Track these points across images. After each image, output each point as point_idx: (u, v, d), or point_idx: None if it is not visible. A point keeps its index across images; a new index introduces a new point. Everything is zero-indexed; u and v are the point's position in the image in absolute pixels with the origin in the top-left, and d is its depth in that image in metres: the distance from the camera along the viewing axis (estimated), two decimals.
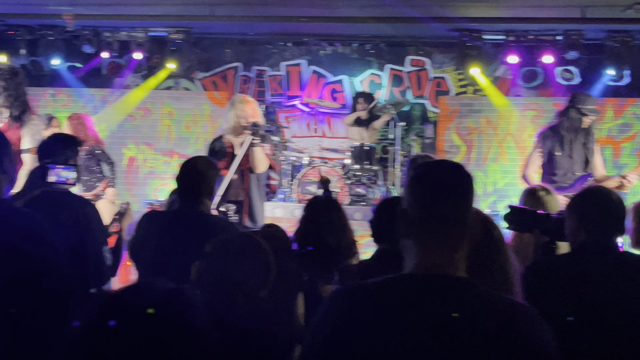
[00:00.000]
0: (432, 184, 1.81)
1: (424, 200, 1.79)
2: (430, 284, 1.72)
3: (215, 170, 3.75)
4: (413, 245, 1.79)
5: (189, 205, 3.63)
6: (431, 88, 9.82)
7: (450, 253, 1.76)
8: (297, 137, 9.99)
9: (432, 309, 1.67)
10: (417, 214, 1.79)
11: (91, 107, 9.82)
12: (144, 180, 9.66)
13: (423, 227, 1.78)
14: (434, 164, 1.94)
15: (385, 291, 1.73)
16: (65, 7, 7.76)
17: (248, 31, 9.66)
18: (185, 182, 3.67)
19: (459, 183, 1.82)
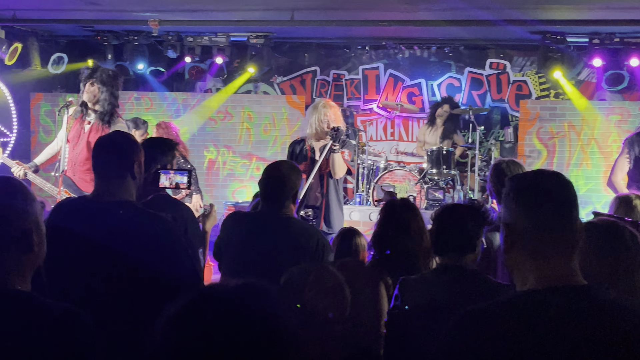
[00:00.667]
0: (542, 195, 1.79)
1: (536, 212, 1.78)
2: (558, 296, 1.71)
3: (298, 175, 3.78)
4: (527, 258, 1.78)
5: (272, 208, 3.68)
6: (511, 91, 9.67)
7: (567, 262, 1.77)
8: (373, 140, 10.01)
9: (573, 321, 1.67)
10: (528, 226, 1.78)
11: (173, 110, 10.09)
12: (223, 182, 9.86)
13: (537, 239, 1.77)
14: (536, 174, 1.90)
15: (517, 309, 1.72)
16: (150, 13, 7.98)
17: (326, 35, 9.73)
18: (268, 186, 3.71)
19: (565, 191, 1.81)
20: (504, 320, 1.71)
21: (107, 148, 3.00)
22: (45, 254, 2.00)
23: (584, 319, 1.67)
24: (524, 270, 1.79)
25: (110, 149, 2.98)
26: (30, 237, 1.92)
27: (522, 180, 1.87)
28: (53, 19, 8.65)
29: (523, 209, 1.80)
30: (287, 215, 3.70)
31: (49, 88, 10.40)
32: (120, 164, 2.92)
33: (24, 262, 1.92)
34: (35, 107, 10.44)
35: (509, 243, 1.82)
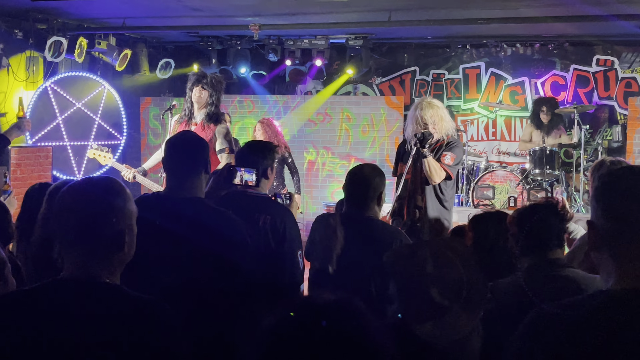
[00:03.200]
0: (625, 192, 1.73)
1: (616, 211, 1.72)
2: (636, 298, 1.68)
3: (381, 177, 3.81)
4: (609, 258, 1.73)
5: (356, 210, 3.73)
6: (620, 89, 9.30)
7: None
8: (474, 140, 9.87)
9: None
10: (607, 226, 1.73)
11: (274, 112, 10.29)
12: (322, 183, 9.97)
13: (618, 239, 1.72)
14: (624, 170, 1.82)
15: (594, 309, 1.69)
16: (251, 18, 8.18)
17: (425, 35, 9.67)
18: (351, 189, 3.77)
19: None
20: (578, 322, 1.68)
21: (178, 147, 3.13)
22: None
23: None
24: (607, 269, 1.75)
25: (182, 147, 3.12)
26: (123, 237, 2.01)
27: (607, 178, 1.80)
28: (160, 26, 9.01)
29: (603, 208, 1.75)
30: (370, 216, 3.74)
31: (157, 92, 10.84)
32: (191, 162, 3.05)
33: (114, 259, 2.01)
34: (145, 111, 10.89)
35: (593, 242, 1.78)
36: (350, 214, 3.74)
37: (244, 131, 10.23)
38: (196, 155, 3.09)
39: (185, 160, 3.07)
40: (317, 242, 3.77)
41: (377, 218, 3.81)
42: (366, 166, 3.91)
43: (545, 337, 1.70)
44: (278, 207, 3.98)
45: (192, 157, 3.08)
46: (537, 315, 1.76)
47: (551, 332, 1.70)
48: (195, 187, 3.06)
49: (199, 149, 3.14)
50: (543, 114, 8.81)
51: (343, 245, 3.53)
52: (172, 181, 3.10)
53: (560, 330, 1.69)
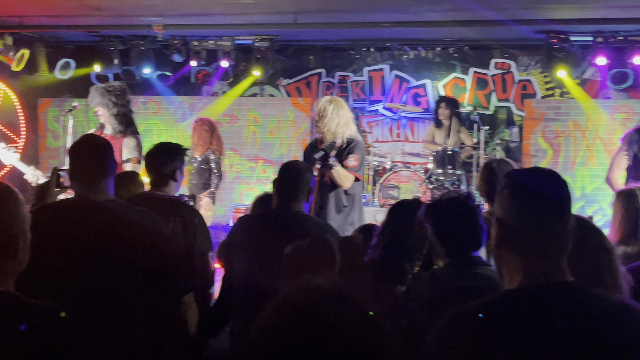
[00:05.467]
0: (534, 193, 1.79)
1: (527, 210, 1.78)
2: (548, 294, 1.72)
3: (311, 174, 3.89)
4: (516, 255, 1.78)
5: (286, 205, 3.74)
6: (516, 91, 9.69)
7: (557, 260, 1.77)
8: (379, 142, 10.05)
9: (560, 318, 1.68)
10: (518, 224, 1.78)
11: (180, 114, 10.17)
12: (230, 185, 9.91)
13: (527, 237, 1.77)
14: (530, 171, 1.91)
15: (512, 308, 1.73)
16: (155, 18, 8.05)
17: (331, 38, 9.78)
18: (286, 181, 3.78)
19: (559, 190, 1.81)
20: (492, 320, 1.71)
21: (84, 150, 3.07)
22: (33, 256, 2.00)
23: (572, 315, 1.68)
24: (512, 268, 1.79)
25: (89, 151, 3.06)
26: (16, 242, 1.92)
27: (517, 177, 1.87)
28: (59, 25, 8.74)
29: (515, 206, 1.80)
30: (300, 211, 3.77)
31: (56, 93, 10.49)
32: (99, 165, 3.01)
33: (7, 266, 1.91)
34: (44, 113, 10.54)
35: (499, 239, 1.82)
36: (281, 210, 3.75)
37: (149, 133, 10.04)
38: (103, 159, 3.05)
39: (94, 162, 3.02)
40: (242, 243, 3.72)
41: (305, 213, 3.85)
42: (299, 162, 4.00)
43: (459, 337, 1.72)
44: (187, 208, 3.95)
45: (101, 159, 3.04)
46: (452, 314, 1.79)
47: (465, 331, 1.72)
48: (106, 190, 3.02)
49: (106, 152, 3.09)
50: (441, 109, 9.04)
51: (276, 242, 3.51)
52: (81, 185, 3.04)
53: (473, 330, 1.71)
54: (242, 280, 3.61)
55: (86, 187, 2.99)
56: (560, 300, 1.71)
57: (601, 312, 1.70)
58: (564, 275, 1.77)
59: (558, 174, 1.86)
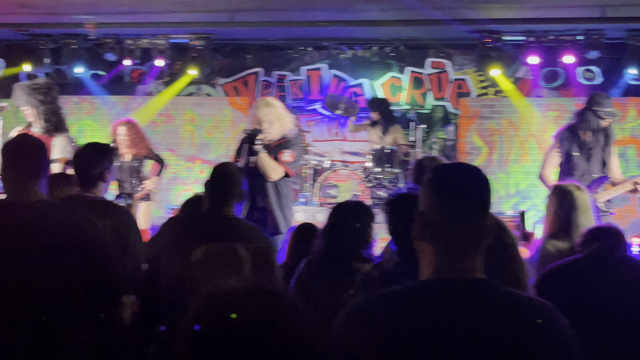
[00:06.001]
0: (454, 188, 1.80)
1: (445, 204, 1.78)
2: (454, 288, 1.72)
3: (243, 176, 3.83)
4: (431, 248, 1.78)
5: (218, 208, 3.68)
6: (452, 90, 9.83)
7: (470, 256, 1.77)
8: (318, 141, 10.06)
9: (461, 313, 1.68)
10: (436, 217, 1.78)
11: (114, 114, 9.94)
12: (167, 186, 9.76)
13: (443, 230, 1.77)
14: (453, 167, 1.92)
15: (410, 298, 1.73)
16: (87, 16, 7.88)
17: (268, 36, 9.75)
18: (219, 184, 3.72)
19: (479, 187, 1.82)
20: (395, 309, 1.72)
21: (17, 151, 2.98)
22: None
23: (482, 311, 1.69)
24: (427, 260, 1.80)
25: (22, 151, 2.97)
26: None
27: (440, 171, 1.88)
28: None
29: (435, 200, 1.80)
30: (231, 214, 3.72)
31: None
32: (33, 165, 2.91)
33: None
34: None
35: (418, 230, 1.82)
36: (212, 213, 3.69)
37: (82, 134, 9.81)
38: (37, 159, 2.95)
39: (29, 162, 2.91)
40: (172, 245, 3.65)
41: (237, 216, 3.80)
42: (232, 164, 3.93)
43: (367, 323, 1.72)
44: (118, 210, 3.86)
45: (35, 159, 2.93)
46: (363, 301, 1.79)
47: (373, 318, 1.72)
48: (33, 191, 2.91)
49: (39, 152, 2.99)
50: (372, 113, 9.10)
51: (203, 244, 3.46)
52: (13, 187, 2.92)
53: (378, 317, 1.71)
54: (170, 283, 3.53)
55: (19, 188, 2.89)
56: (464, 296, 1.71)
57: (509, 310, 1.71)
58: (474, 272, 1.76)
59: (481, 170, 1.86)
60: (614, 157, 6.33)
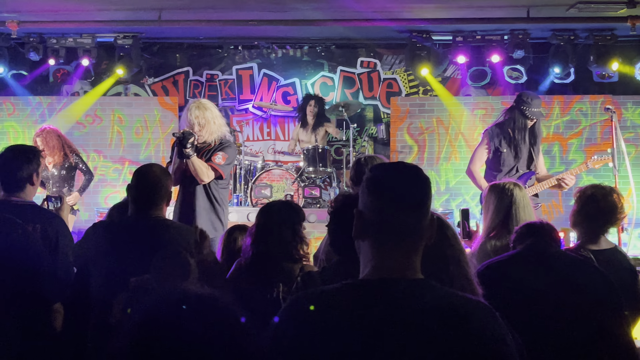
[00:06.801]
0: (390, 188, 1.79)
1: (382, 205, 1.77)
2: (389, 288, 1.71)
3: (169, 177, 3.73)
4: (369, 247, 1.77)
5: (145, 212, 3.58)
6: (382, 89, 9.92)
7: (407, 256, 1.76)
8: (250, 141, 10.00)
9: (393, 313, 1.67)
10: (374, 217, 1.77)
11: (38, 115, 9.67)
12: (95, 188, 9.51)
13: (380, 230, 1.76)
14: (391, 166, 1.90)
15: (345, 297, 1.72)
16: (7, 14, 7.61)
17: (198, 35, 9.63)
18: (142, 189, 3.61)
19: (416, 187, 1.80)
20: (328, 307, 1.70)
21: None
22: None
23: (417, 313, 1.67)
24: (366, 258, 1.79)
25: None
26: None
27: (378, 171, 1.86)
28: None
29: (371, 201, 1.79)
30: (160, 217, 3.63)
31: None
32: None
33: None
34: None
35: (357, 230, 1.81)
36: (140, 217, 3.58)
37: (4, 136, 9.51)
38: None
39: None
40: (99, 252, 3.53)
41: (166, 218, 3.71)
42: (156, 166, 3.78)
43: (299, 320, 1.71)
44: (47, 214, 3.74)
45: None
46: (297, 298, 1.79)
47: (306, 316, 1.71)
48: None
49: None
50: (310, 107, 9.10)
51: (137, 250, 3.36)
52: None
53: (313, 315, 1.70)
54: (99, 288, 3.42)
55: None
56: (404, 297, 1.70)
57: (443, 311, 1.69)
58: (412, 272, 1.76)
59: (421, 170, 1.85)
60: (540, 154, 6.51)
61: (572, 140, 9.36)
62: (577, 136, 9.36)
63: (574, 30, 8.58)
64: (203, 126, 5.41)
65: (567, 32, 8.60)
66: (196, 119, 5.40)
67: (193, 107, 5.46)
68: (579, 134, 9.36)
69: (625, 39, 8.69)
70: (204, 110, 5.46)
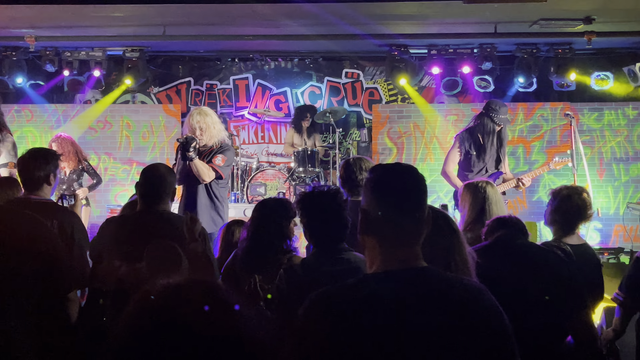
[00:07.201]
0: (394, 187, 1.79)
1: (387, 202, 1.77)
2: (401, 278, 1.71)
3: (173, 175, 3.71)
4: (376, 242, 1.77)
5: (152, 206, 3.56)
6: (365, 97, 9.92)
7: (412, 247, 1.76)
8: (246, 144, 9.97)
9: (416, 299, 1.67)
10: (378, 214, 1.77)
11: (54, 121, 9.60)
12: (105, 187, 9.46)
13: (385, 225, 1.76)
14: (390, 167, 1.89)
15: (370, 290, 1.71)
16: (27, 30, 7.55)
17: (198, 49, 9.59)
18: (148, 186, 3.60)
19: (414, 184, 1.81)
20: (351, 301, 1.69)
21: None
22: None
23: (428, 295, 1.69)
24: (373, 253, 1.79)
25: None
26: None
27: (378, 171, 1.86)
28: None
29: (375, 198, 1.79)
30: (166, 210, 3.62)
31: None
32: None
33: None
34: None
35: (363, 227, 1.81)
36: (148, 210, 3.56)
37: (23, 140, 9.42)
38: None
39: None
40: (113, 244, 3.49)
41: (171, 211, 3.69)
42: (160, 165, 3.77)
43: (319, 320, 1.70)
44: (63, 211, 3.72)
45: None
46: (312, 299, 1.75)
47: (323, 315, 1.70)
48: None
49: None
50: (306, 119, 9.13)
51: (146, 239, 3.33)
52: None
53: (331, 313, 1.69)
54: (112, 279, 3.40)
55: None
56: (412, 284, 1.71)
57: (449, 294, 1.72)
58: (417, 261, 1.77)
59: (415, 169, 1.85)
60: (506, 156, 6.53)
61: (534, 143, 9.40)
62: (539, 139, 9.40)
63: (537, 44, 8.60)
64: (204, 131, 5.40)
65: (530, 46, 8.63)
66: (198, 124, 5.39)
67: (195, 113, 5.45)
68: (541, 137, 9.39)
69: (582, 52, 8.73)
70: (205, 116, 5.45)
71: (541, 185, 9.12)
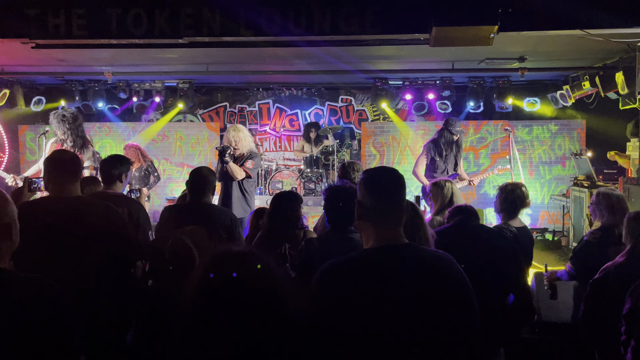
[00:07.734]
0: (382, 184, 1.78)
1: (377, 194, 1.75)
2: (391, 251, 1.70)
3: (214, 175, 3.70)
4: (370, 226, 1.75)
5: (197, 199, 3.56)
6: (356, 117, 9.87)
7: (396, 228, 1.75)
8: (267, 151, 9.93)
9: (402, 267, 1.66)
10: (371, 204, 1.75)
11: (125, 135, 9.58)
12: (164, 183, 9.45)
13: (377, 212, 1.74)
14: (378, 169, 1.87)
15: (367, 261, 1.69)
16: (105, 67, 7.51)
17: (232, 81, 9.55)
18: (194, 183, 3.59)
19: (396, 181, 1.79)
20: (352, 269, 1.67)
21: (58, 162, 2.79)
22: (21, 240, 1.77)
23: (410, 264, 1.67)
24: (368, 234, 1.77)
25: (61, 162, 2.78)
26: (10, 229, 1.70)
27: (369, 172, 1.85)
28: (33, 72, 7.96)
29: (368, 192, 1.78)
30: (208, 202, 3.59)
31: (32, 121, 9.59)
32: (69, 172, 2.75)
33: (4, 248, 1.70)
34: (22, 136, 9.60)
35: (359, 214, 1.79)
36: (194, 201, 3.55)
37: (103, 149, 9.40)
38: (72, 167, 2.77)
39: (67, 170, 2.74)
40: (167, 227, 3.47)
41: (211, 203, 3.66)
42: (204, 168, 3.76)
43: (330, 285, 1.67)
44: (131, 201, 3.69)
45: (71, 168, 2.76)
46: (323, 269, 1.73)
47: (333, 281, 1.68)
48: (73, 190, 2.72)
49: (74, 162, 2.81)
50: (312, 132, 9.08)
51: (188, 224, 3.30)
52: (56, 187, 2.72)
53: (339, 280, 1.67)
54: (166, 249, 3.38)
55: (61, 188, 2.70)
56: (398, 256, 1.70)
57: (426, 262, 1.70)
58: (401, 239, 1.76)
59: (397, 170, 1.84)
60: (461, 161, 6.48)
61: (481, 150, 9.34)
62: (485, 147, 9.34)
63: (483, 77, 8.54)
64: (238, 142, 5.41)
65: (478, 78, 8.57)
66: (233, 138, 5.41)
67: (231, 129, 5.46)
68: (486, 146, 9.34)
69: (517, 82, 8.67)
70: (238, 132, 5.46)
71: (486, 182, 9.07)
